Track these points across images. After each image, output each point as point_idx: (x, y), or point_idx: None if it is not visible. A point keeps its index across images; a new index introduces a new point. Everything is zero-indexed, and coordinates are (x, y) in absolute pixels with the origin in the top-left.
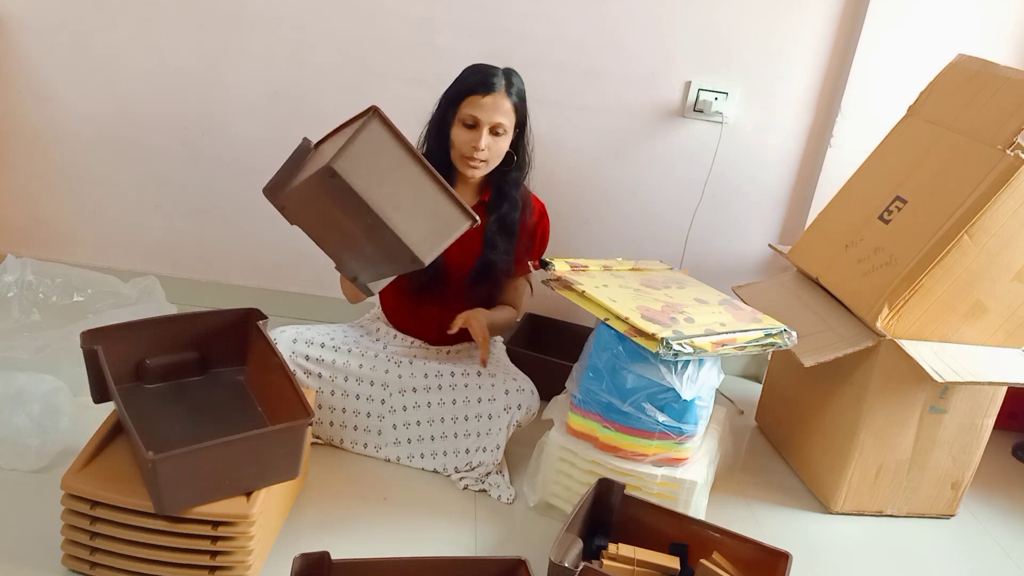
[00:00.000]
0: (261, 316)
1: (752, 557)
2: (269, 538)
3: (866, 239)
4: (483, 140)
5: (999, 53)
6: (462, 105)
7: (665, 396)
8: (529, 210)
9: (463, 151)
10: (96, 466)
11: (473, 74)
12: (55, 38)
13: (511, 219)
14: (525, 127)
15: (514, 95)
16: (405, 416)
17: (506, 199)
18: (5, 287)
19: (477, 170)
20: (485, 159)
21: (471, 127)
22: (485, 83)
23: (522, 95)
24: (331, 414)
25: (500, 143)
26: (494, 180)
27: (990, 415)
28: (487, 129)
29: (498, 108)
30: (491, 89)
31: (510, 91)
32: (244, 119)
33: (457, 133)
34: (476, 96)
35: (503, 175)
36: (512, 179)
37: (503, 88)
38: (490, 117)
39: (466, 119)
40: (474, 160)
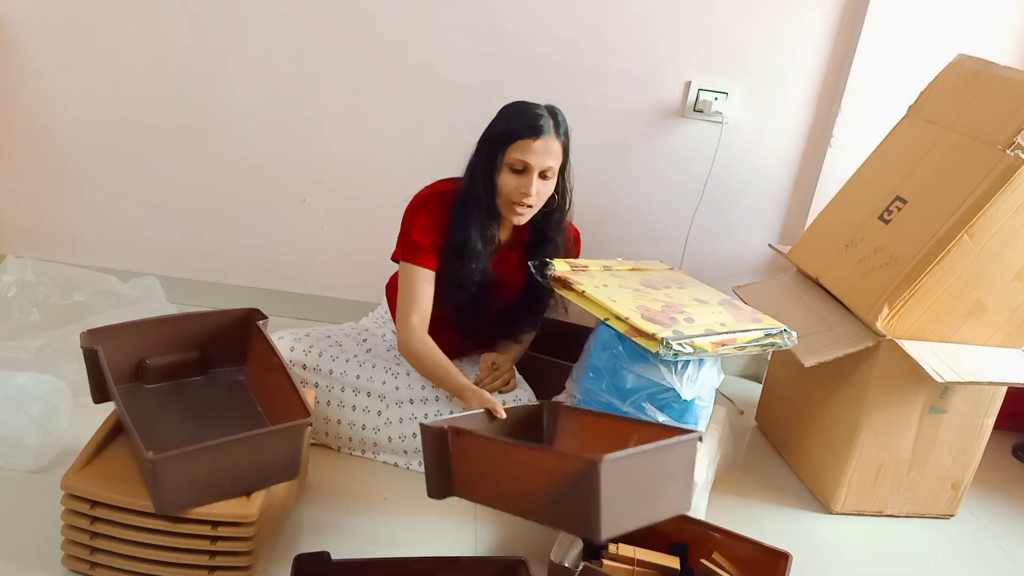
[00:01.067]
0: (261, 316)
1: (752, 557)
2: (269, 538)
3: (866, 239)
4: (534, 185)
5: (999, 53)
6: (509, 149)
7: (665, 396)
8: (568, 240)
9: (511, 198)
10: (96, 466)
11: (519, 116)
12: (55, 38)
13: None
14: (567, 166)
15: (562, 135)
16: (401, 428)
17: (549, 243)
18: (5, 287)
19: (524, 216)
20: (533, 204)
21: (519, 172)
22: (534, 126)
23: (568, 133)
24: (326, 425)
25: (548, 186)
26: (536, 221)
27: (990, 415)
28: (537, 174)
29: (549, 152)
30: (540, 132)
31: (559, 132)
32: (244, 119)
33: (505, 179)
34: (526, 140)
35: (546, 217)
36: (555, 221)
37: (552, 130)
38: (541, 162)
39: (514, 164)
40: (522, 206)
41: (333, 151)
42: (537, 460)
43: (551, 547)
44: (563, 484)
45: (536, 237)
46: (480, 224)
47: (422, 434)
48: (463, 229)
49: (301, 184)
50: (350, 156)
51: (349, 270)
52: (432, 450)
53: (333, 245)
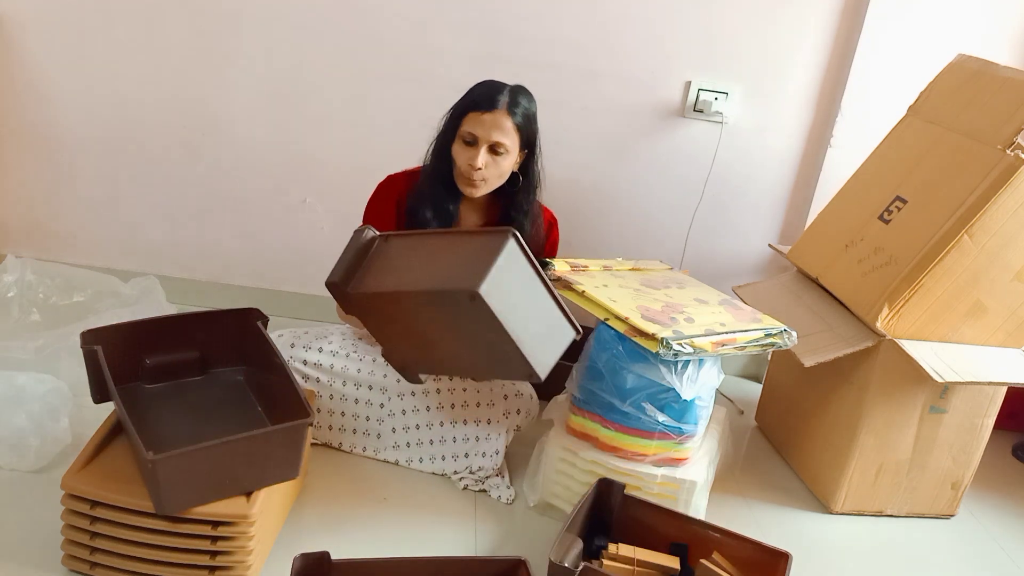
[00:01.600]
0: (261, 316)
1: (752, 557)
2: (269, 538)
3: (866, 239)
4: (480, 158)
5: (999, 53)
6: (463, 121)
7: (665, 396)
8: (537, 225)
9: (461, 169)
10: (96, 466)
11: (477, 89)
12: (55, 38)
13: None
14: (534, 148)
15: (518, 115)
16: (404, 420)
17: (513, 224)
18: (5, 287)
19: (476, 189)
20: (484, 178)
21: (470, 144)
22: (487, 99)
23: (528, 115)
24: (330, 418)
25: (501, 163)
26: (501, 202)
27: (990, 415)
28: (486, 147)
29: (498, 126)
30: (492, 106)
31: (513, 110)
32: (244, 119)
33: (457, 150)
34: (477, 112)
35: (509, 197)
36: (518, 202)
37: (504, 106)
38: (489, 135)
39: (465, 136)
40: (471, 178)
41: (333, 151)
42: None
43: (551, 547)
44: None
45: (502, 218)
46: (436, 198)
47: (353, 235)
48: (419, 202)
49: (301, 184)
50: (350, 156)
51: None
52: (354, 247)
53: (333, 245)
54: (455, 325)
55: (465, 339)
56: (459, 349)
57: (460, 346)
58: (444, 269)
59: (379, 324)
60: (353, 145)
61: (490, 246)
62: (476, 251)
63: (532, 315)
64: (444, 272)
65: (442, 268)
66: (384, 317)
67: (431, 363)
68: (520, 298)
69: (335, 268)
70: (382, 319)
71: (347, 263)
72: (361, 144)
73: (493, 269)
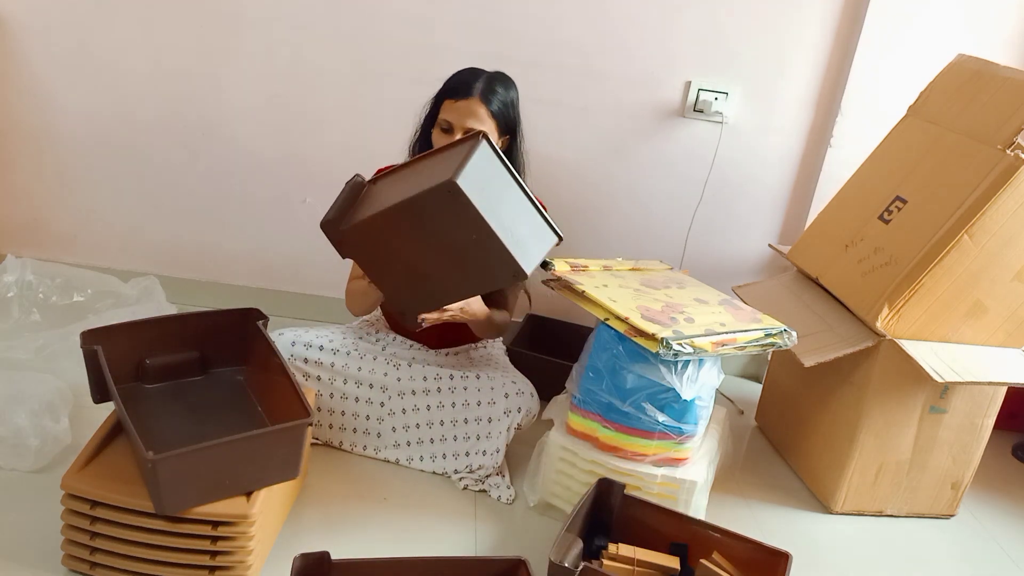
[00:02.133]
0: (261, 316)
1: (752, 557)
2: (269, 538)
3: (866, 239)
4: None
5: (999, 53)
6: (441, 108)
7: (665, 396)
8: None
9: None
10: (96, 466)
11: (452, 78)
12: (55, 38)
13: None
14: (516, 135)
15: (493, 102)
16: (404, 419)
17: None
18: (5, 287)
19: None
20: None
21: (447, 131)
22: (462, 87)
23: (505, 102)
24: (330, 416)
25: None
26: None
27: (990, 415)
28: (460, 133)
29: (471, 113)
30: (465, 94)
31: (487, 97)
32: (244, 120)
33: (435, 137)
34: (451, 100)
35: None
36: None
37: (478, 93)
38: (462, 121)
39: (442, 123)
40: None
41: (333, 151)
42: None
43: (551, 547)
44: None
45: None
46: None
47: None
48: None
49: (301, 184)
50: (350, 156)
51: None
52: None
53: None
54: (439, 235)
55: (450, 251)
56: (447, 267)
57: (447, 262)
58: (423, 180)
59: (374, 262)
60: (353, 145)
61: (463, 149)
62: (451, 156)
63: (512, 215)
64: (424, 181)
65: (422, 179)
66: (378, 252)
67: (426, 297)
68: (498, 198)
69: (329, 210)
70: (376, 255)
71: (340, 205)
72: (361, 144)
73: (468, 164)
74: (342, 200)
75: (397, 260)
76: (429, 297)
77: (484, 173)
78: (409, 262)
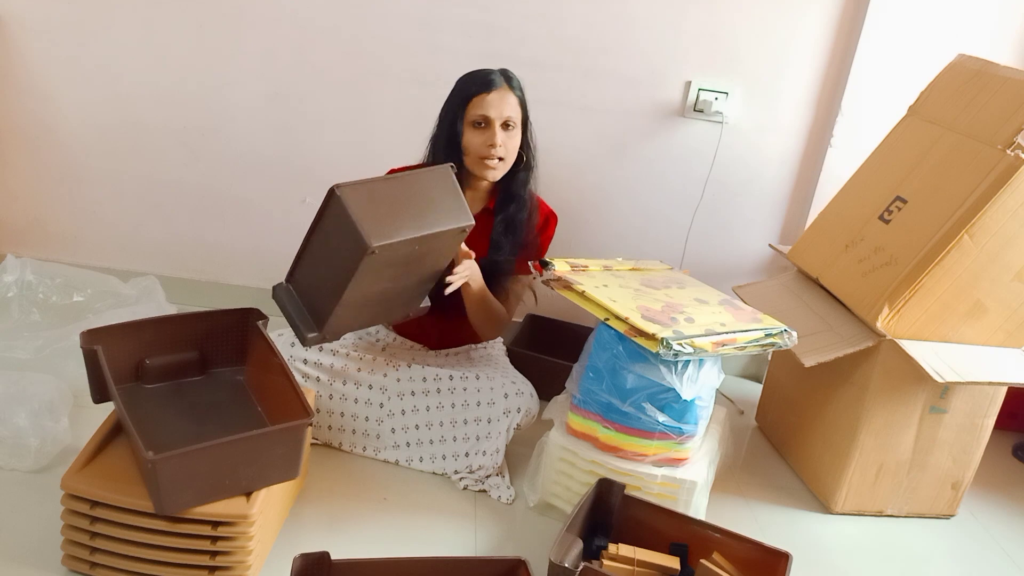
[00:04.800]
0: (261, 316)
1: (752, 557)
2: (269, 538)
3: (866, 239)
4: (498, 136)
5: (999, 53)
6: (468, 108)
7: (665, 396)
8: (536, 213)
9: (480, 152)
10: (96, 466)
11: (470, 78)
12: (55, 38)
13: (518, 219)
14: (528, 124)
15: (516, 89)
16: (404, 420)
17: (514, 200)
18: (5, 287)
19: (496, 170)
20: (502, 156)
21: (482, 127)
22: (486, 81)
23: (522, 90)
24: (329, 418)
25: (513, 139)
26: (502, 182)
27: (990, 415)
28: (499, 125)
29: (505, 102)
30: (494, 85)
31: (512, 85)
32: (244, 119)
33: (470, 138)
34: (481, 95)
35: (511, 176)
36: (520, 179)
37: (504, 83)
38: (500, 112)
39: (476, 120)
40: (492, 159)
41: (333, 151)
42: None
43: (551, 547)
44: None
45: (504, 196)
46: None
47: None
48: None
49: (301, 184)
50: (350, 156)
51: None
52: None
53: None
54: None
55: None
56: (408, 280)
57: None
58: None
59: (360, 321)
60: (353, 145)
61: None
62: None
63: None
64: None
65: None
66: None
67: (404, 298)
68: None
69: (297, 331)
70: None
71: (299, 317)
72: (361, 144)
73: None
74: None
75: (371, 304)
76: (415, 291)
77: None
78: (380, 297)
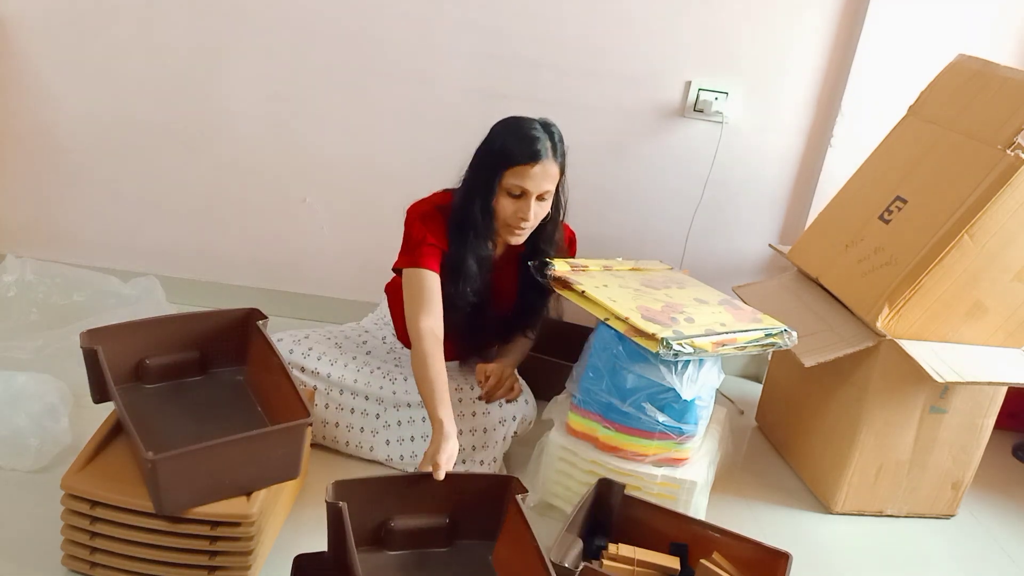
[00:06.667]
0: (261, 316)
1: (752, 557)
2: (269, 538)
3: (866, 239)
4: (532, 210)
5: (999, 53)
6: (506, 175)
7: (665, 396)
8: (561, 248)
9: (509, 221)
10: (96, 466)
11: (515, 139)
12: (55, 38)
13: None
14: (563, 178)
15: (559, 156)
16: (399, 431)
17: (542, 254)
18: (5, 287)
19: (521, 238)
20: (530, 226)
21: (517, 197)
22: (530, 152)
23: (564, 152)
24: (324, 428)
25: (545, 207)
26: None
27: (990, 415)
28: (535, 198)
29: (547, 176)
30: (538, 157)
31: (556, 153)
32: (244, 119)
33: (503, 204)
34: (523, 166)
35: (539, 230)
36: (547, 233)
37: (550, 152)
38: (539, 187)
39: (512, 189)
40: (520, 229)
41: (333, 151)
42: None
43: (551, 547)
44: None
45: (530, 249)
46: (476, 248)
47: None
48: (459, 251)
49: (301, 184)
50: (350, 156)
51: (349, 270)
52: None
53: (333, 245)
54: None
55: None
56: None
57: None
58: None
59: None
60: (353, 145)
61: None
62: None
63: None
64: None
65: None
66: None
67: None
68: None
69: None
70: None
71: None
72: (361, 144)
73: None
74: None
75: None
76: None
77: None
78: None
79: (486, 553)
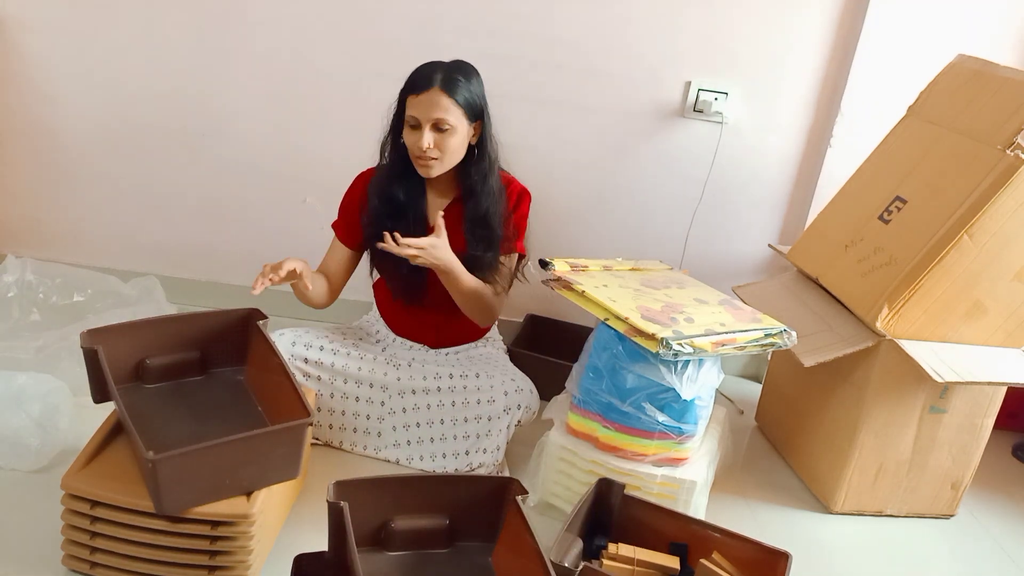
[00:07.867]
0: (261, 316)
1: (752, 557)
2: (269, 538)
3: (866, 239)
4: (425, 139)
5: (999, 53)
6: (405, 107)
7: (665, 396)
8: (503, 197)
9: (412, 152)
10: (96, 466)
11: (414, 73)
12: (55, 38)
13: (484, 212)
14: (483, 119)
15: (454, 91)
16: (404, 418)
17: (473, 194)
18: (5, 287)
19: (429, 168)
20: (435, 157)
21: (415, 127)
22: (419, 81)
23: (468, 89)
24: (330, 416)
25: (449, 140)
26: (460, 177)
27: (990, 415)
28: (428, 127)
29: (434, 105)
30: (425, 87)
31: (447, 87)
32: (244, 119)
33: (406, 135)
34: (412, 95)
35: (464, 171)
36: (474, 173)
37: (438, 84)
38: (427, 114)
39: (410, 120)
40: (423, 159)
41: (333, 151)
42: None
43: (551, 547)
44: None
45: (464, 192)
46: (398, 183)
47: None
48: (385, 190)
49: (301, 184)
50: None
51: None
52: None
53: None
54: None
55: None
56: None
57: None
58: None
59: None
60: (353, 145)
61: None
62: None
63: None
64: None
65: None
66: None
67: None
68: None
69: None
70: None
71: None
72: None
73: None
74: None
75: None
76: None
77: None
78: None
79: (486, 555)
